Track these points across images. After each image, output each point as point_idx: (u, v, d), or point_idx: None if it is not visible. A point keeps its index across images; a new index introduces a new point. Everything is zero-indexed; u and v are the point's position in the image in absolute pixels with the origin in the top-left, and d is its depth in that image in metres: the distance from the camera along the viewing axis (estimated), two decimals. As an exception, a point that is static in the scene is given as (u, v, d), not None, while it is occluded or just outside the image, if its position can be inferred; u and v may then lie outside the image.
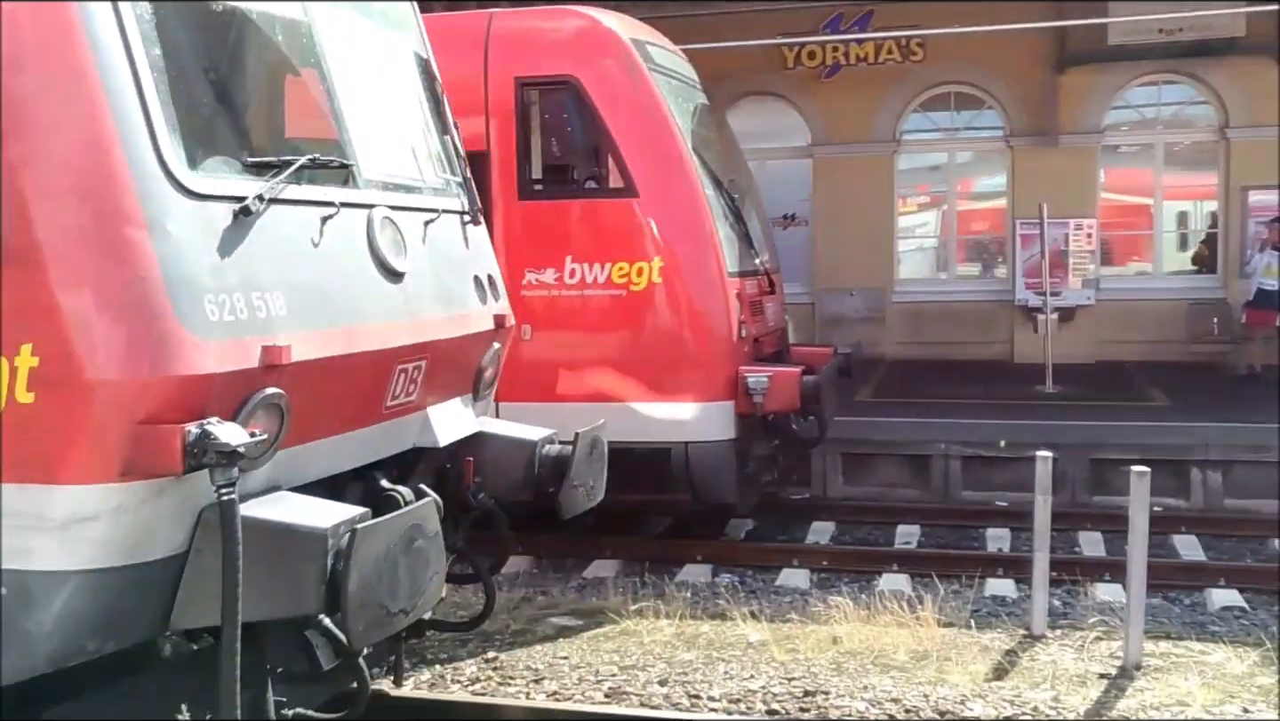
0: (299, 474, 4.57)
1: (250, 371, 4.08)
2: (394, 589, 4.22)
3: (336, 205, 4.78)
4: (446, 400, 5.78)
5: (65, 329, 3.77)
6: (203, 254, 4.07)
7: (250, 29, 4.93)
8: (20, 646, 3.89)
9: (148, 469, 3.82)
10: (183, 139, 4.13)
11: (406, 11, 6.39)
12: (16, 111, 3.85)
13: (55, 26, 3.93)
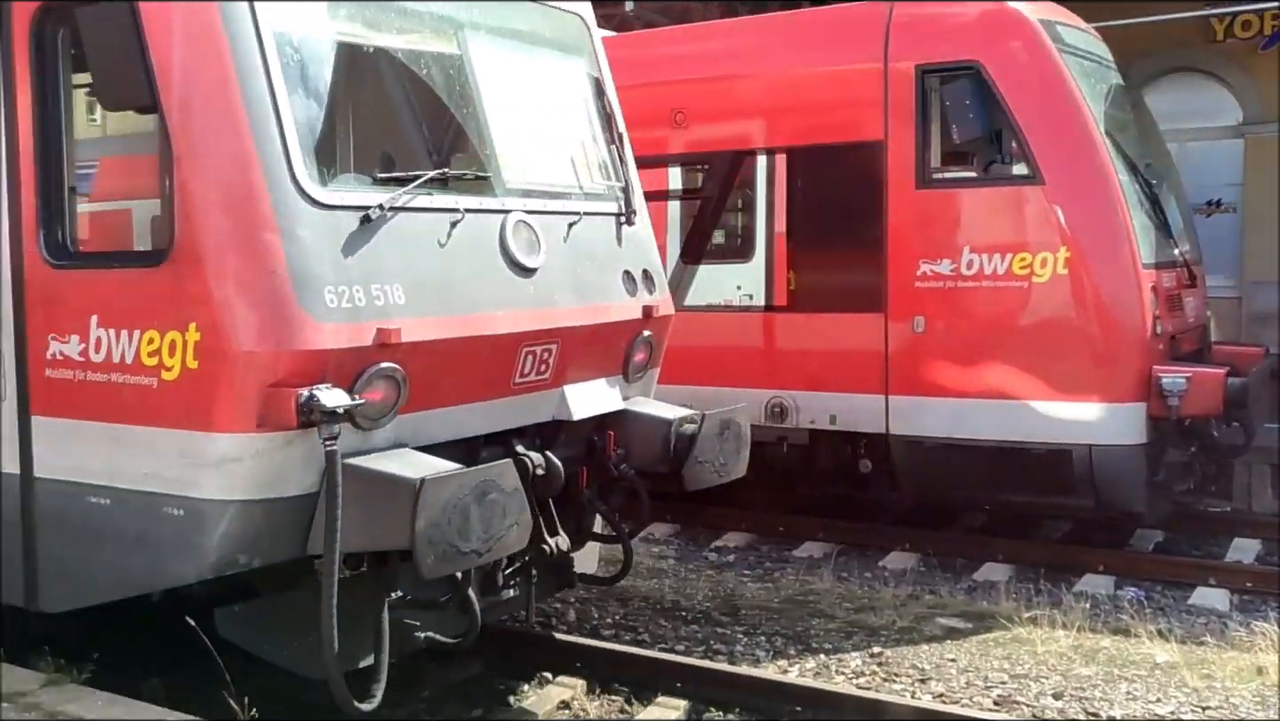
0: (424, 435, 5.50)
1: (365, 349, 5.07)
2: (465, 531, 4.95)
3: (462, 212, 5.61)
4: (588, 380, 6.49)
5: (217, 312, 4.93)
6: (325, 253, 5.05)
7: (398, 68, 5.95)
8: (191, 556, 5.11)
9: (275, 423, 4.90)
10: (316, 161, 5.18)
11: (580, 40, 7.11)
12: (186, 142, 4.97)
13: (216, 76, 4.98)
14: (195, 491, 5.07)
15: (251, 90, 5.01)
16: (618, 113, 7.19)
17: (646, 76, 10.41)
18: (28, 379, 5.56)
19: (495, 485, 5.16)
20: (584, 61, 7.13)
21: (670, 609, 8.46)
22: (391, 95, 6.12)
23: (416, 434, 5.49)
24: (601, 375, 6.64)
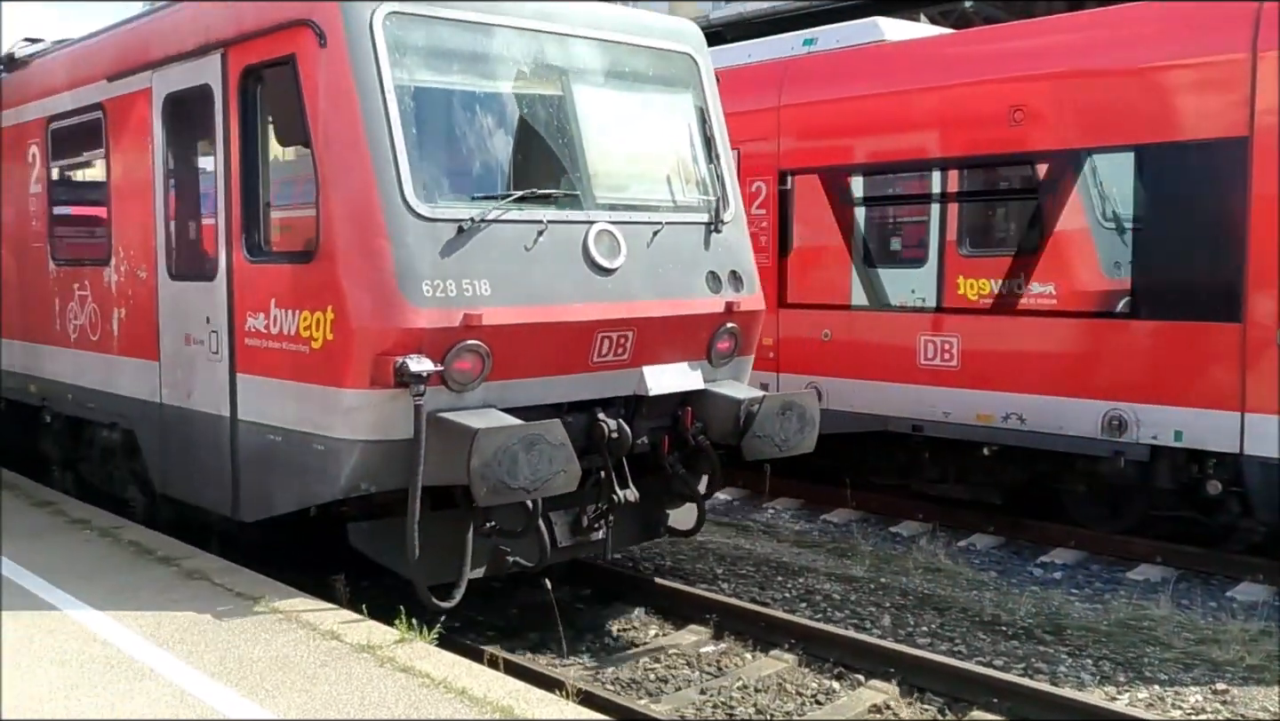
0: (510, 399, 6.96)
1: (453, 329, 6.59)
2: (514, 472, 6.34)
3: (545, 223, 7.08)
4: (669, 362, 7.77)
5: (344, 298, 6.61)
6: (425, 255, 6.63)
7: (504, 108, 7.47)
8: (328, 481, 6.82)
9: (382, 382, 6.48)
10: (423, 184, 6.74)
11: (687, 75, 8.39)
12: (326, 171, 6.71)
13: (347, 122, 6.66)
14: (332, 432, 6.81)
15: (374, 133, 6.67)
16: (719, 135, 8.45)
17: (983, 73, 10.12)
18: (235, 345, 7.53)
19: (542, 438, 6.52)
20: (690, 94, 8.41)
21: (989, 622, 8.22)
22: (497, 130, 7.51)
23: (503, 398, 6.97)
24: (684, 359, 7.90)
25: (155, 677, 5.48)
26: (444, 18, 7.15)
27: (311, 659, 5.73)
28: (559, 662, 7.50)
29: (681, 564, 9.73)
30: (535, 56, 7.54)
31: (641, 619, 8.32)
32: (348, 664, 5.66)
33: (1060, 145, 9.65)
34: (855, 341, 10.94)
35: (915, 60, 10.79)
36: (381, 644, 5.95)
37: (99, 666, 5.62)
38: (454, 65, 7.26)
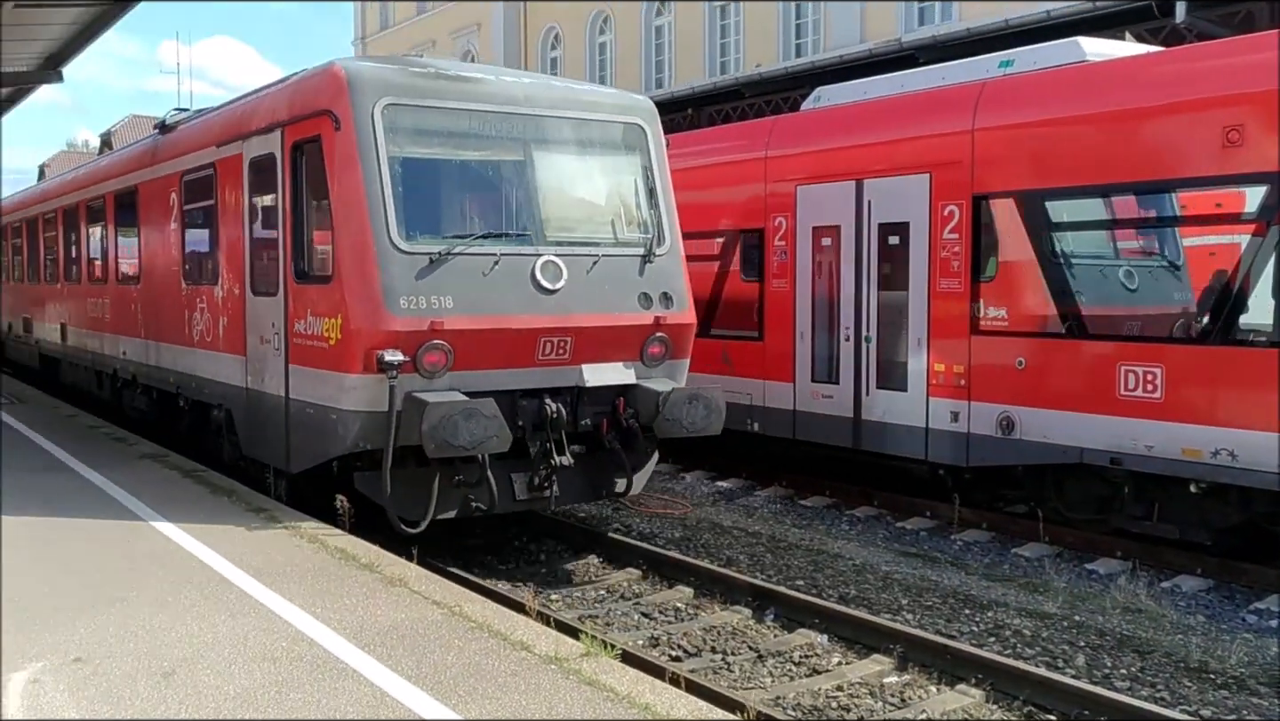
0: (471, 386, 9.23)
1: (422, 332, 8.97)
2: (454, 434, 8.67)
3: (498, 255, 9.42)
4: (605, 362, 9.98)
5: (347, 309, 9.07)
6: (404, 279, 9.04)
7: (477, 170, 10.08)
8: (339, 440, 9.37)
9: (370, 369, 8.86)
10: (405, 228, 9.18)
11: (636, 140, 10.72)
12: (338, 219, 9.29)
13: (352, 183, 9.17)
14: (341, 405, 9.34)
15: (370, 191, 9.18)
16: (661, 187, 10.72)
17: (1191, 92, 9.67)
18: (289, 343, 10.15)
19: (479, 411, 8.82)
20: (637, 155, 10.73)
21: (1196, 669, 7.81)
22: (468, 186, 10.16)
23: (466, 384, 9.27)
24: (618, 359, 10.11)
25: (357, 678, 5.76)
26: (429, 106, 9.67)
27: (502, 667, 5.91)
28: (739, 684, 7.51)
29: (866, 592, 9.60)
30: (502, 131, 10.00)
31: (825, 646, 8.25)
32: (536, 674, 5.82)
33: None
34: (1051, 370, 10.58)
35: (1120, 79, 10.40)
36: (568, 656, 6.09)
37: (306, 665, 5.94)
38: (435, 140, 9.79)
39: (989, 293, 11.19)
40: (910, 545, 11.32)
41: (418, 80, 9.74)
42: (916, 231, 11.75)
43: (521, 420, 9.59)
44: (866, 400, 12.31)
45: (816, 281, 12.93)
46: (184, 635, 6.41)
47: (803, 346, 13.03)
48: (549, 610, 8.49)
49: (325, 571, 7.84)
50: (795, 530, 11.91)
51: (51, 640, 6.33)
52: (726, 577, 9.63)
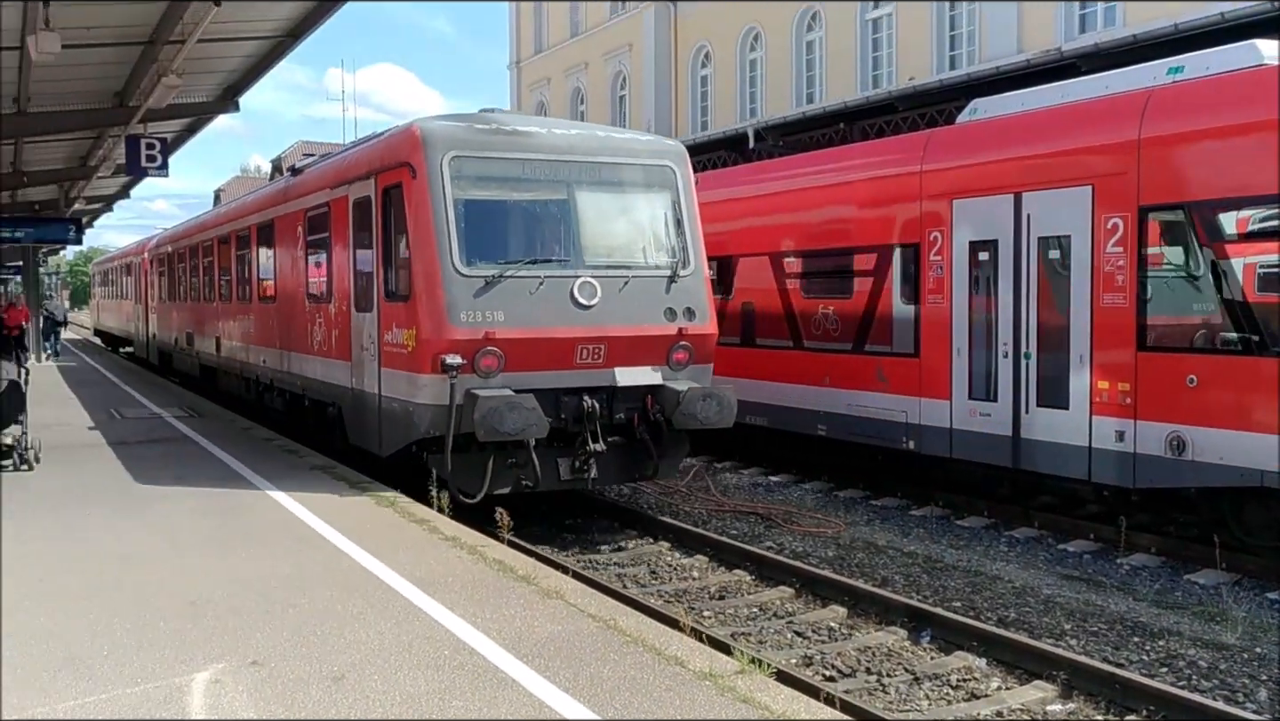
0: (520, 385, 11.08)
1: (479, 340, 10.99)
2: (501, 422, 10.59)
3: (543, 278, 11.35)
4: (634, 366, 11.78)
5: (420, 322, 11.26)
6: (464, 297, 11.07)
7: (526, 207, 11.97)
8: (414, 428, 11.49)
9: (436, 370, 10.92)
10: (466, 256, 11.18)
11: (665, 179, 12.56)
12: (413, 249, 11.44)
13: (424, 220, 11.30)
14: (416, 399, 11.50)
15: (439, 227, 11.28)
16: (688, 219, 12.56)
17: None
18: (381, 351, 12.29)
19: (520, 404, 10.80)
20: (667, 193, 12.58)
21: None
22: (519, 221, 12.09)
23: (515, 383, 11.17)
24: (647, 364, 11.93)
25: (516, 688, 5.89)
26: (488, 157, 11.71)
27: (657, 682, 5.97)
28: (895, 706, 7.40)
29: (1026, 616, 9.34)
30: (549, 175, 11.88)
31: (983, 670, 8.06)
32: (691, 690, 5.86)
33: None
34: (1227, 388, 10.12)
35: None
36: (722, 673, 6.11)
37: (467, 673, 6.11)
38: (492, 184, 11.83)
39: (1156, 307, 10.78)
40: (1073, 568, 10.96)
41: (479, 135, 11.81)
42: (1078, 245, 11.40)
43: (564, 413, 11.51)
44: (1026, 418, 11.99)
45: (973, 297, 12.66)
46: (352, 641, 6.67)
47: (959, 363, 12.77)
48: (701, 626, 8.52)
49: (484, 582, 8.04)
50: (952, 550, 11.67)
51: (230, 643, 6.66)
52: (881, 597, 9.50)
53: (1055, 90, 12.65)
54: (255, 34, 15.45)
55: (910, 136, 14.81)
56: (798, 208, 15.51)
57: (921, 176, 13.27)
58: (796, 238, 15.50)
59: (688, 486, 15.03)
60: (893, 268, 13.77)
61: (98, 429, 17.18)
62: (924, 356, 13.23)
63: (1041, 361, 11.85)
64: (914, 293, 13.39)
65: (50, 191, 31.60)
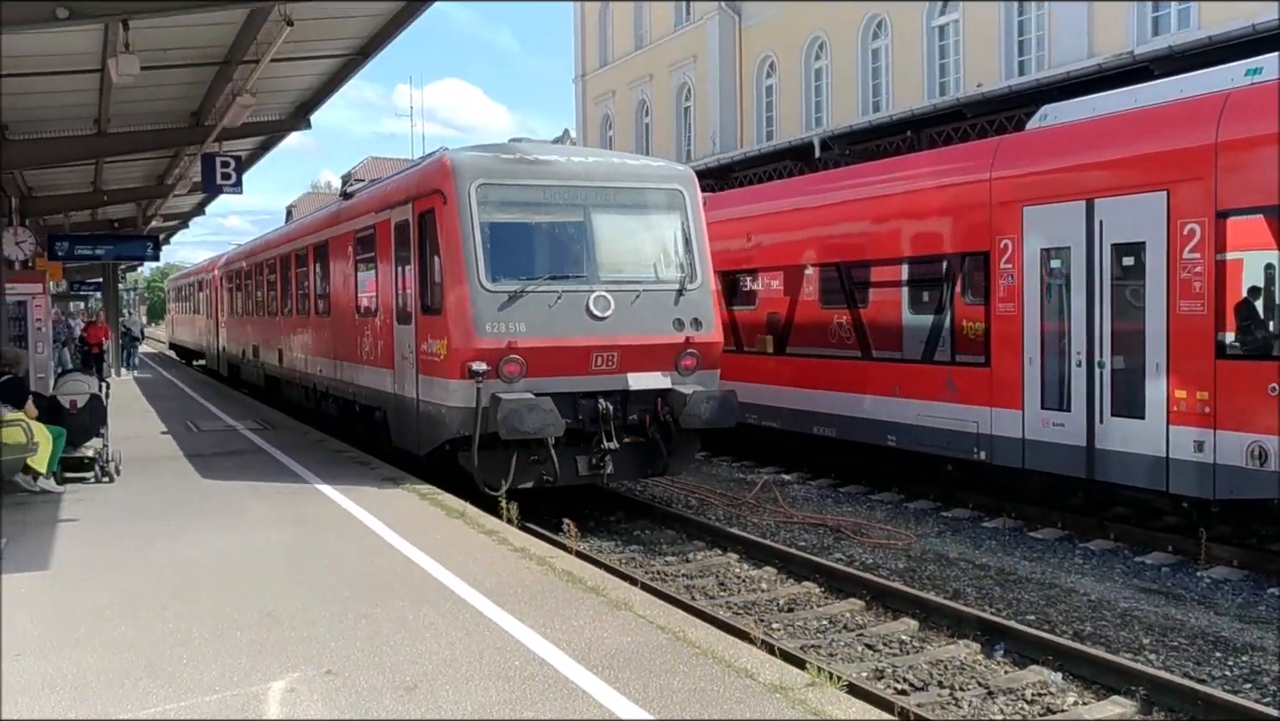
0: (540, 389, 12.10)
1: (502, 349, 12.14)
2: (521, 422, 11.68)
3: (560, 293, 12.44)
4: (645, 371, 12.74)
5: (450, 333, 12.44)
6: (489, 310, 12.25)
7: (546, 228, 13.10)
8: (446, 428, 12.61)
9: (464, 376, 12.15)
10: (491, 273, 12.38)
11: (674, 201, 13.60)
12: (444, 266, 12.68)
13: (454, 241, 12.50)
14: (447, 402, 12.51)
15: (467, 248, 12.36)
16: (696, 237, 13.55)
17: None
18: (418, 359, 13.48)
19: (538, 405, 11.85)
20: (676, 214, 13.62)
21: None
22: (539, 241, 13.20)
23: (536, 388, 12.21)
24: (657, 369, 12.89)
25: (586, 699, 5.90)
26: (511, 184, 12.84)
27: (726, 695, 5.94)
28: (968, 720, 7.30)
29: (1103, 630, 9.16)
30: (567, 199, 13.00)
31: (1059, 685, 7.92)
32: (761, 703, 5.83)
33: None
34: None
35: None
36: (793, 685, 6.07)
37: (538, 685, 6.14)
38: (515, 208, 12.94)
39: (1236, 314, 10.53)
40: (1151, 581, 10.73)
41: (503, 164, 12.93)
42: (1153, 251, 11.19)
43: (581, 415, 12.51)
44: (1100, 428, 11.77)
45: (1045, 305, 12.47)
46: (424, 651, 6.73)
47: (1031, 372, 12.58)
48: (771, 638, 8.48)
49: (553, 592, 8.08)
50: (1025, 562, 11.48)
51: (305, 652, 6.76)
52: (953, 610, 9.39)
53: (1128, 94, 12.44)
54: (327, 53, 15.69)
55: (979, 143, 14.65)
56: (864, 217, 15.41)
57: (991, 184, 13.11)
58: (863, 247, 15.39)
59: (756, 498, 14.97)
60: (962, 276, 13.62)
61: (175, 441, 17.56)
62: (995, 365, 13.06)
63: (1116, 370, 11.63)
64: (984, 301, 13.23)
65: (129, 209, 32.34)
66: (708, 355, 13.23)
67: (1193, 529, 11.34)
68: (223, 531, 10.46)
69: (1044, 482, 13.08)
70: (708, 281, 13.46)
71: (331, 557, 9.30)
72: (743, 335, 18.19)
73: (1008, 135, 14.40)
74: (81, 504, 11.97)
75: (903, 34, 31.35)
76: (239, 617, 7.50)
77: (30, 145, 18.70)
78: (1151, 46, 17.97)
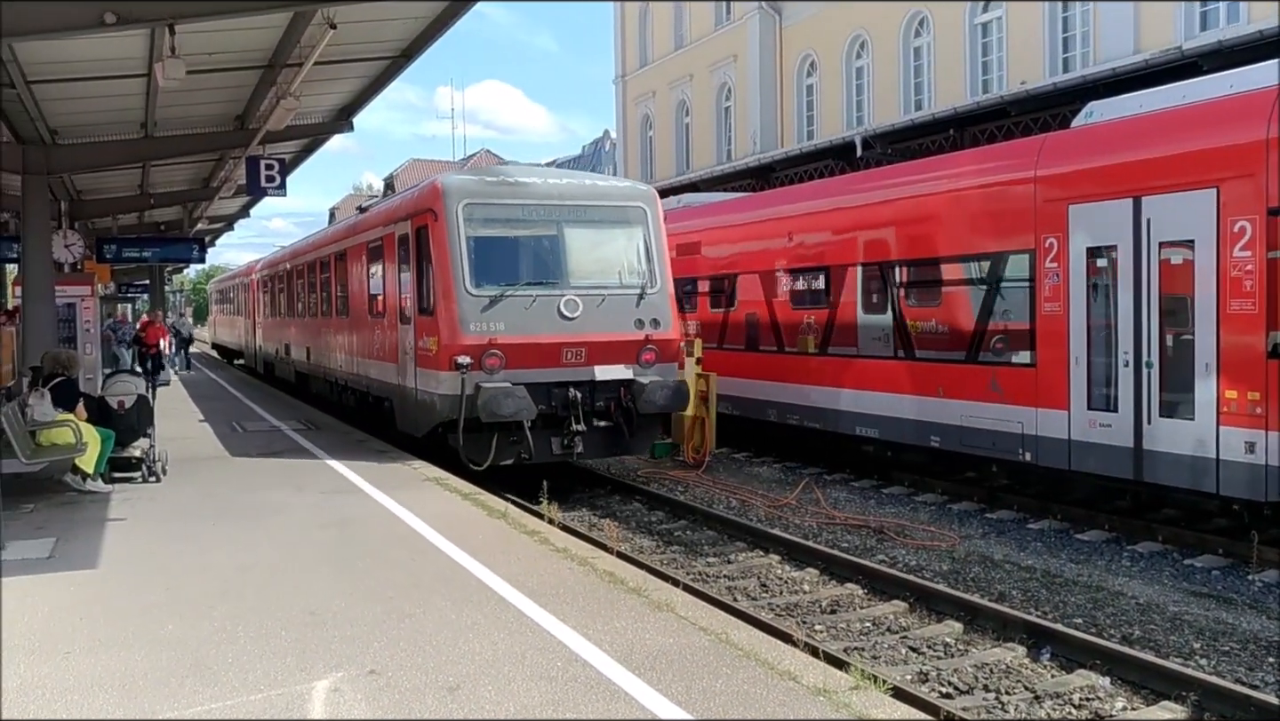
0: (519, 379, 14.06)
1: (484, 345, 14.15)
2: (499, 407, 13.68)
3: (535, 296, 14.49)
4: (610, 364, 14.60)
5: (440, 332, 14.52)
6: (473, 311, 14.28)
7: (524, 241, 15.29)
8: (437, 413, 14.65)
9: (453, 369, 14.06)
10: (475, 280, 14.40)
11: (638, 217, 15.53)
12: (436, 273, 14.75)
13: (443, 251, 14.57)
14: (438, 391, 14.41)
15: (454, 258, 14.31)
16: (655, 247, 15.44)
17: None
18: (416, 354, 15.45)
19: (513, 392, 13.66)
20: (639, 228, 15.52)
21: None
22: (517, 252, 15.21)
23: (514, 378, 13.96)
24: (620, 363, 14.72)
25: (629, 701, 5.89)
26: (493, 203, 14.87)
27: (770, 697, 5.91)
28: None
29: (1152, 634, 9.02)
30: (542, 216, 14.99)
31: (1107, 689, 7.80)
32: (805, 705, 5.79)
33: None
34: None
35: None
36: (837, 689, 6.02)
37: (580, 686, 6.13)
38: (496, 224, 14.94)
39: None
40: (1201, 584, 10.56)
41: (487, 186, 15.02)
42: (1202, 249, 11.01)
43: (553, 402, 14.40)
44: (1148, 429, 11.60)
45: (1091, 304, 12.31)
46: (466, 651, 6.74)
47: (1078, 372, 12.42)
48: (814, 640, 8.42)
49: (594, 593, 8.07)
50: (1071, 565, 11.34)
51: (349, 652, 6.79)
52: (999, 613, 9.28)
53: (1176, 90, 12.26)
54: (369, 55, 15.80)
55: (1023, 141, 14.50)
56: (907, 216, 15.29)
57: (1036, 182, 12.96)
58: (905, 246, 15.28)
59: (798, 499, 14.90)
60: (1006, 275, 13.48)
61: (220, 441, 17.74)
62: (1040, 366, 12.91)
63: (1165, 370, 11.46)
64: (1029, 300, 13.08)
65: (175, 212, 32.76)
66: (665, 350, 15.15)
67: (1244, 531, 11.15)
68: (267, 531, 10.55)
69: (1089, 484, 12.91)
70: (666, 286, 15.36)
71: (374, 557, 9.35)
72: (784, 335, 18.11)
73: (1052, 133, 14.23)
74: (129, 503, 12.12)
75: (945, 32, 31.11)
76: (283, 617, 7.56)
77: (78, 149, 19.02)
78: (1200, 42, 17.68)
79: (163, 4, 10.42)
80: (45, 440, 12.44)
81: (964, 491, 14.75)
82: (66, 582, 8.62)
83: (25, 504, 11.91)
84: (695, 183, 29.61)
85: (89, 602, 8.01)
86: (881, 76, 33.71)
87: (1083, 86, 17.41)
